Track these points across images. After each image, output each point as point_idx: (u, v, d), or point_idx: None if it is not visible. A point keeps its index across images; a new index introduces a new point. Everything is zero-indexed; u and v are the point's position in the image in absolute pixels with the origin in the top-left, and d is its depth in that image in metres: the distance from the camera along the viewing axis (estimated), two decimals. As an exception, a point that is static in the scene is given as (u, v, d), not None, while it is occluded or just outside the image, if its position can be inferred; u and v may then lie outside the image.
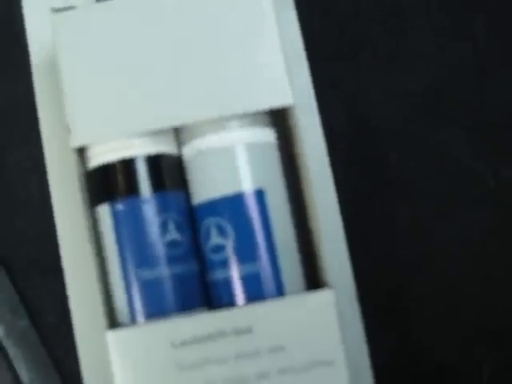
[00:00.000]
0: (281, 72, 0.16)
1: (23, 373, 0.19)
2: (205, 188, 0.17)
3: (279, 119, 0.17)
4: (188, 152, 0.17)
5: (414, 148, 0.19)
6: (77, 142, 0.16)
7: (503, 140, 0.19)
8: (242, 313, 0.16)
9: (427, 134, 0.19)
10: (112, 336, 0.16)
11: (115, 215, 0.16)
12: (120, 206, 0.16)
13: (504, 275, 0.19)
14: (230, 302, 0.16)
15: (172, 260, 0.16)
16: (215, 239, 0.16)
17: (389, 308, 0.19)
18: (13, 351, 0.18)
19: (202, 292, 0.17)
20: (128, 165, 0.16)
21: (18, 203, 0.19)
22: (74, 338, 0.18)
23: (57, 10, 0.17)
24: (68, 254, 0.17)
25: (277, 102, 0.16)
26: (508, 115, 0.20)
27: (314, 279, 0.17)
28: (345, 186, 0.18)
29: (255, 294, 0.16)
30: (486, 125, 0.19)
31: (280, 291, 0.16)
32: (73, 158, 0.17)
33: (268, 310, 0.16)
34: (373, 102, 0.20)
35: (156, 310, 0.16)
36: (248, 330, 0.16)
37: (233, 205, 0.16)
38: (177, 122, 0.16)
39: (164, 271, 0.16)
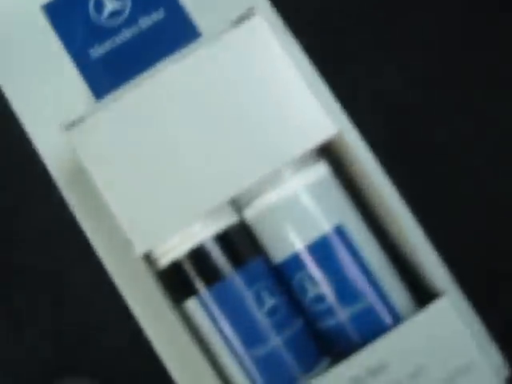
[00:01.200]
0: (316, 107, 0.16)
1: None
2: (281, 244, 0.16)
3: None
4: (250, 215, 0.16)
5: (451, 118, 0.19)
6: (142, 249, 0.16)
7: None
8: (372, 352, 0.15)
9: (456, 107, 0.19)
10: (252, 424, 0.15)
11: (206, 306, 0.16)
12: (207, 296, 0.16)
13: None
14: (348, 345, 0.16)
15: (278, 327, 0.16)
16: (312, 291, 0.16)
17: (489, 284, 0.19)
18: None
19: (316, 344, 0.16)
20: (199, 253, 0.16)
21: (96, 323, 0.18)
22: None
23: (69, 126, 0.16)
24: (169, 354, 0.17)
25: (324, 136, 0.16)
26: None
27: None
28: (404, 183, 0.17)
29: (372, 328, 0.16)
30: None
31: (395, 316, 0.16)
32: (141, 265, 0.16)
33: (394, 339, 0.15)
34: (394, 93, 0.19)
35: (283, 380, 0.16)
36: (384, 365, 0.15)
37: (318, 251, 0.16)
38: (232, 192, 0.16)
39: (276, 341, 0.16)
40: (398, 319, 0.16)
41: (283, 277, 0.16)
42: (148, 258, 0.16)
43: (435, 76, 0.20)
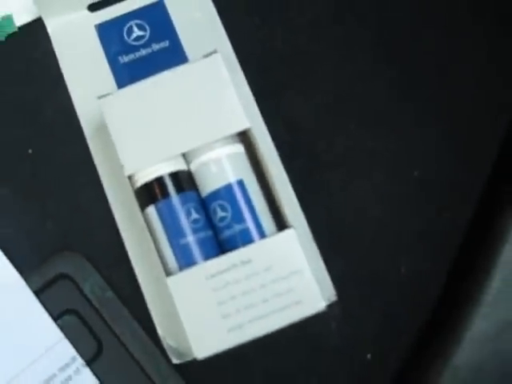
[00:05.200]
0: (241, 111, 0.27)
1: (118, 330, 0.29)
2: (207, 185, 0.28)
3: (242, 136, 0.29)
4: (193, 167, 0.28)
5: (332, 136, 0.31)
6: (128, 172, 0.27)
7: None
8: (243, 251, 0.27)
9: (335, 126, 0.31)
10: (171, 280, 0.27)
11: (158, 211, 0.27)
12: (160, 205, 0.27)
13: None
14: (235, 248, 0.27)
15: (196, 230, 0.27)
16: (219, 214, 0.27)
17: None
18: (120, 314, 0.29)
19: (217, 247, 0.28)
20: (160, 180, 0.27)
21: (91, 225, 0.30)
22: (144, 296, 0.28)
23: (101, 97, 0.28)
24: (131, 241, 0.28)
25: (240, 127, 0.28)
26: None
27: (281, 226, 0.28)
28: (292, 169, 0.29)
29: (249, 240, 0.27)
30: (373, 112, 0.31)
31: (263, 235, 0.27)
32: (127, 183, 0.28)
33: (258, 247, 0.27)
34: (295, 115, 0.31)
35: (192, 261, 0.27)
36: (249, 261, 0.27)
37: (226, 191, 0.27)
38: (184, 149, 0.28)
39: (192, 237, 0.27)
40: (263, 237, 0.27)
41: (205, 205, 0.28)
42: (131, 180, 0.28)
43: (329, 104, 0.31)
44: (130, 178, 0.28)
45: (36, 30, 0.31)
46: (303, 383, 0.29)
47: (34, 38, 0.31)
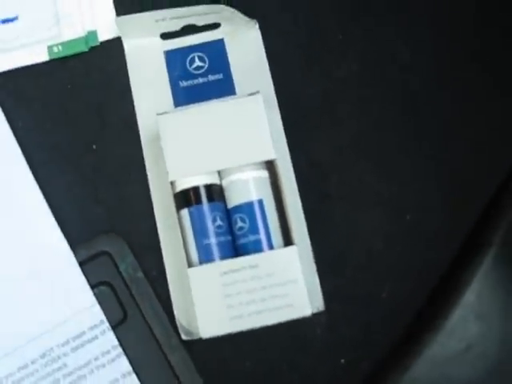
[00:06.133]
0: (270, 143, 0.33)
1: (142, 305, 0.35)
2: (233, 200, 0.34)
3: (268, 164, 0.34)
4: (224, 182, 0.34)
5: (344, 174, 0.36)
6: (172, 178, 0.33)
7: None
8: (252, 258, 0.32)
9: (349, 167, 0.36)
10: (191, 271, 0.32)
11: (190, 214, 0.33)
12: (192, 209, 0.33)
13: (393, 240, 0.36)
14: (247, 254, 0.33)
15: (218, 235, 0.33)
16: (239, 224, 0.33)
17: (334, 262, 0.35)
18: (146, 292, 0.34)
19: (233, 250, 0.33)
20: (196, 189, 0.33)
21: (134, 215, 0.36)
22: (167, 281, 0.34)
23: (160, 114, 0.34)
24: (165, 234, 0.34)
25: (267, 157, 0.33)
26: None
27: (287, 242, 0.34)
28: (306, 197, 0.35)
29: (259, 249, 0.33)
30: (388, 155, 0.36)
31: (271, 247, 0.33)
32: (169, 187, 0.34)
33: (265, 256, 0.32)
34: (317, 151, 0.36)
35: (211, 258, 0.33)
36: (256, 266, 0.32)
37: (247, 207, 0.33)
38: (220, 167, 0.33)
39: (214, 240, 0.33)
40: (272, 248, 0.33)
41: (229, 215, 0.34)
42: (172, 185, 0.34)
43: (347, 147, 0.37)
44: (171, 183, 0.34)
45: (114, 47, 0.37)
46: (286, 376, 0.34)
47: (111, 53, 0.36)
